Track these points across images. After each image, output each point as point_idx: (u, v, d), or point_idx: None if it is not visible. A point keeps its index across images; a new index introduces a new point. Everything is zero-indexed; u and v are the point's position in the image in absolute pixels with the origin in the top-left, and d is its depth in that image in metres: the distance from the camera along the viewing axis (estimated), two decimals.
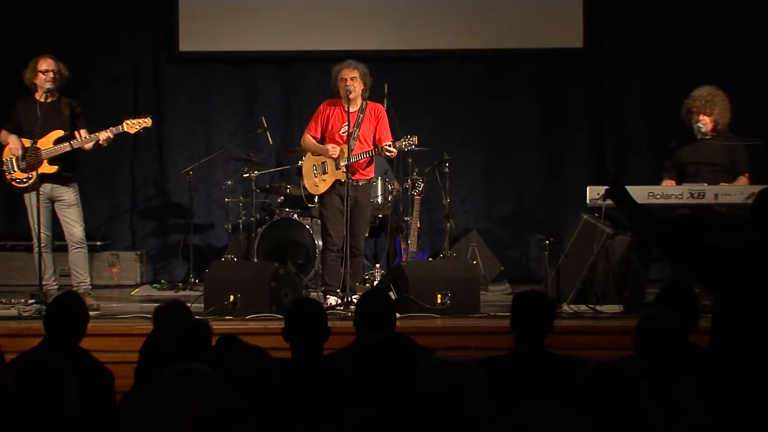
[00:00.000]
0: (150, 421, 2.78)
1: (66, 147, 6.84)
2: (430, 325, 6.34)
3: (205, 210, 9.23)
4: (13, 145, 6.89)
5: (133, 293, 8.34)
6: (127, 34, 9.21)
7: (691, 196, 6.47)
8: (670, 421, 3.08)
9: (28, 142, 6.83)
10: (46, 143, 6.84)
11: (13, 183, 6.96)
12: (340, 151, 6.87)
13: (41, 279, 6.82)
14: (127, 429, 3.53)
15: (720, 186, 6.54)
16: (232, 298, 6.55)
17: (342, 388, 3.10)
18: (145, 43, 9.26)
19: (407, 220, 8.16)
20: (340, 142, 6.92)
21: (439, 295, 6.63)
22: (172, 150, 9.28)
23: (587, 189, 6.51)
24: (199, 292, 7.15)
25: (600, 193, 5.95)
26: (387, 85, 8.23)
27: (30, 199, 6.88)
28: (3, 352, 3.82)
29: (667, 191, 6.52)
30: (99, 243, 8.74)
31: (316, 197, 7.47)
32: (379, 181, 7.66)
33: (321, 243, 7.41)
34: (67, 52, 7.93)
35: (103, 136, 6.82)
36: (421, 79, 9.18)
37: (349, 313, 5.98)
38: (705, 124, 6.74)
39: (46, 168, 6.85)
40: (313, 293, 7.37)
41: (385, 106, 7.68)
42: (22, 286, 7.89)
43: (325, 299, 6.83)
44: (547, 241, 7.06)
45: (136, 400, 3.62)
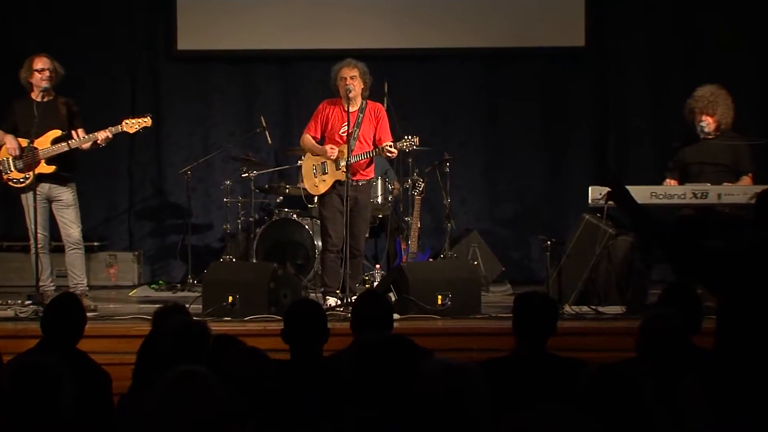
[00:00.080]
0: (148, 423, 2.77)
1: (64, 147, 6.81)
2: (430, 327, 6.32)
3: (203, 210, 9.22)
4: (9, 144, 6.85)
5: (130, 294, 8.32)
6: (125, 33, 9.20)
7: (694, 196, 6.47)
8: (673, 422, 3.07)
9: (24, 142, 6.81)
10: (44, 143, 6.81)
11: (9, 183, 6.93)
12: (339, 152, 6.83)
13: (38, 280, 6.84)
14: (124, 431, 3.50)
15: (723, 186, 6.53)
16: (230, 299, 6.53)
17: (341, 389, 3.08)
18: (143, 41, 9.24)
19: (407, 221, 8.15)
20: (340, 142, 6.89)
21: (439, 296, 6.61)
22: (170, 150, 9.26)
23: (589, 189, 6.50)
24: (197, 293, 7.13)
25: (602, 194, 5.94)
26: (387, 84, 8.24)
27: (27, 199, 6.85)
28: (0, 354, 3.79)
29: (670, 191, 6.53)
30: (96, 243, 8.74)
31: (316, 197, 7.44)
32: (379, 181, 7.64)
33: (320, 244, 7.41)
34: (64, 51, 7.99)
35: (102, 136, 6.79)
36: (421, 78, 9.16)
37: (349, 315, 5.93)
38: (708, 124, 6.74)
39: (44, 168, 6.82)
40: (312, 294, 7.36)
41: (385, 105, 7.69)
42: (18, 287, 7.89)
43: (325, 300, 6.81)
44: (548, 242, 7.05)
45: (134, 402, 3.58)
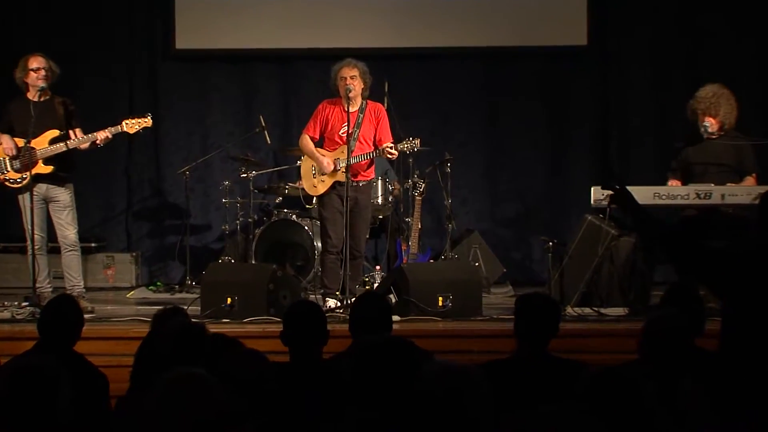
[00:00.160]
0: (146, 426, 2.74)
1: (62, 147, 6.80)
2: (431, 328, 6.30)
3: (202, 211, 9.20)
4: (6, 144, 6.83)
5: (128, 296, 8.30)
6: (122, 32, 9.18)
7: (697, 196, 6.46)
8: (675, 424, 3.06)
9: (21, 142, 6.80)
10: (42, 143, 6.79)
11: (6, 183, 6.92)
12: (335, 160, 6.79)
13: (35, 281, 6.82)
14: None
15: (727, 186, 6.52)
16: (229, 300, 6.51)
17: (341, 392, 3.07)
18: (141, 40, 9.23)
19: (408, 221, 8.12)
20: (340, 142, 6.87)
21: (440, 298, 6.58)
22: (169, 150, 9.25)
23: (591, 189, 6.48)
24: (195, 295, 7.10)
25: (604, 194, 5.90)
26: (387, 84, 8.20)
27: (24, 200, 6.83)
28: None
29: (673, 192, 6.52)
30: (94, 244, 8.73)
31: (314, 198, 7.41)
32: (380, 181, 7.63)
33: (320, 245, 7.39)
34: (62, 50, 7.98)
35: (102, 136, 6.78)
36: (422, 77, 9.15)
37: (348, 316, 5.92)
38: (711, 125, 6.74)
39: (41, 168, 6.80)
40: (312, 296, 7.34)
41: (386, 105, 7.67)
42: (15, 289, 7.90)
43: (325, 302, 6.79)
44: (550, 243, 7.03)
45: (132, 404, 3.57)
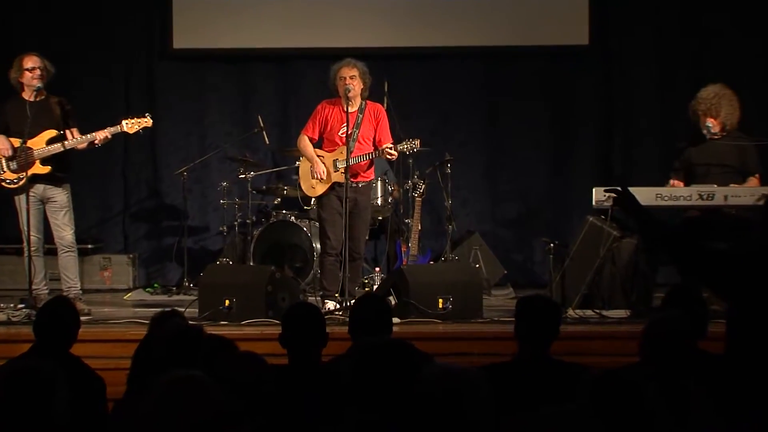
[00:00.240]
0: (144, 429, 2.73)
1: (59, 147, 6.77)
2: (431, 331, 6.28)
3: (199, 212, 9.19)
4: (2, 145, 6.80)
5: (125, 298, 8.29)
6: (119, 31, 9.16)
7: (700, 197, 6.45)
8: (678, 427, 3.06)
9: (17, 142, 6.78)
10: (39, 143, 6.77)
11: (3, 184, 6.90)
12: (324, 176, 6.80)
13: (31, 283, 6.79)
14: None
15: (730, 187, 6.51)
16: (227, 302, 6.49)
17: (340, 394, 3.05)
18: (138, 40, 9.21)
19: (408, 223, 8.10)
20: (339, 143, 6.87)
21: (440, 300, 6.56)
22: (166, 150, 9.23)
23: (593, 190, 6.45)
24: (193, 297, 7.08)
25: (606, 195, 5.87)
26: (387, 84, 8.20)
27: (20, 201, 6.82)
28: None
29: (676, 192, 6.51)
30: (90, 246, 8.72)
31: (312, 199, 7.36)
32: (379, 182, 7.64)
33: (319, 246, 7.37)
34: (59, 49, 7.98)
35: (101, 136, 6.77)
36: (422, 77, 9.14)
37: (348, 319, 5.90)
38: (713, 126, 6.75)
39: (39, 168, 6.78)
40: (311, 298, 7.31)
41: (385, 105, 7.70)
42: (11, 291, 7.89)
43: (324, 304, 6.78)
44: (551, 244, 7.01)
45: (129, 407, 3.55)
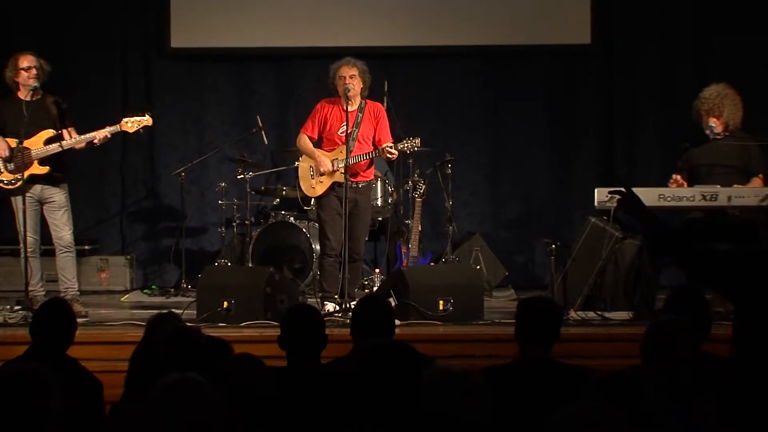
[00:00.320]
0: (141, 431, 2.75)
1: (57, 147, 6.75)
2: (431, 333, 6.27)
3: (197, 213, 9.18)
4: None
5: (122, 299, 8.29)
6: (117, 30, 9.16)
7: (703, 198, 6.42)
8: (681, 429, 3.04)
9: (13, 142, 6.75)
10: (36, 143, 6.74)
11: (0, 185, 6.82)
12: (330, 168, 6.76)
13: (27, 285, 6.79)
14: None
15: (733, 188, 6.47)
16: (225, 304, 6.49)
17: (340, 397, 3.04)
18: (135, 39, 9.21)
19: (408, 224, 8.09)
20: (339, 142, 6.85)
21: (441, 302, 6.54)
22: (164, 150, 9.23)
23: (595, 191, 6.43)
24: (191, 298, 7.06)
25: (609, 196, 5.84)
26: (387, 83, 8.20)
27: (16, 202, 6.79)
28: None
29: (679, 193, 6.48)
30: (87, 247, 8.71)
31: (312, 200, 7.34)
32: (379, 183, 7.62)
33: (318, 247, 7.35)
34: (54, 48, 7.93)
35: (100, 135, 6.76)
36: (422, 76, 9.13)
37: (348, 320, 5.88)
38: (716, 126, 6.73)
39: (37, 169, 6.75)
40: (310, 299, 7.30)
41: (385, 104, 7.69)
42: (7, 292, 7.88)
43: (323, 306, 6.76)
44: (553, 245, 6.98)
45: (126, 410, 3.47)
